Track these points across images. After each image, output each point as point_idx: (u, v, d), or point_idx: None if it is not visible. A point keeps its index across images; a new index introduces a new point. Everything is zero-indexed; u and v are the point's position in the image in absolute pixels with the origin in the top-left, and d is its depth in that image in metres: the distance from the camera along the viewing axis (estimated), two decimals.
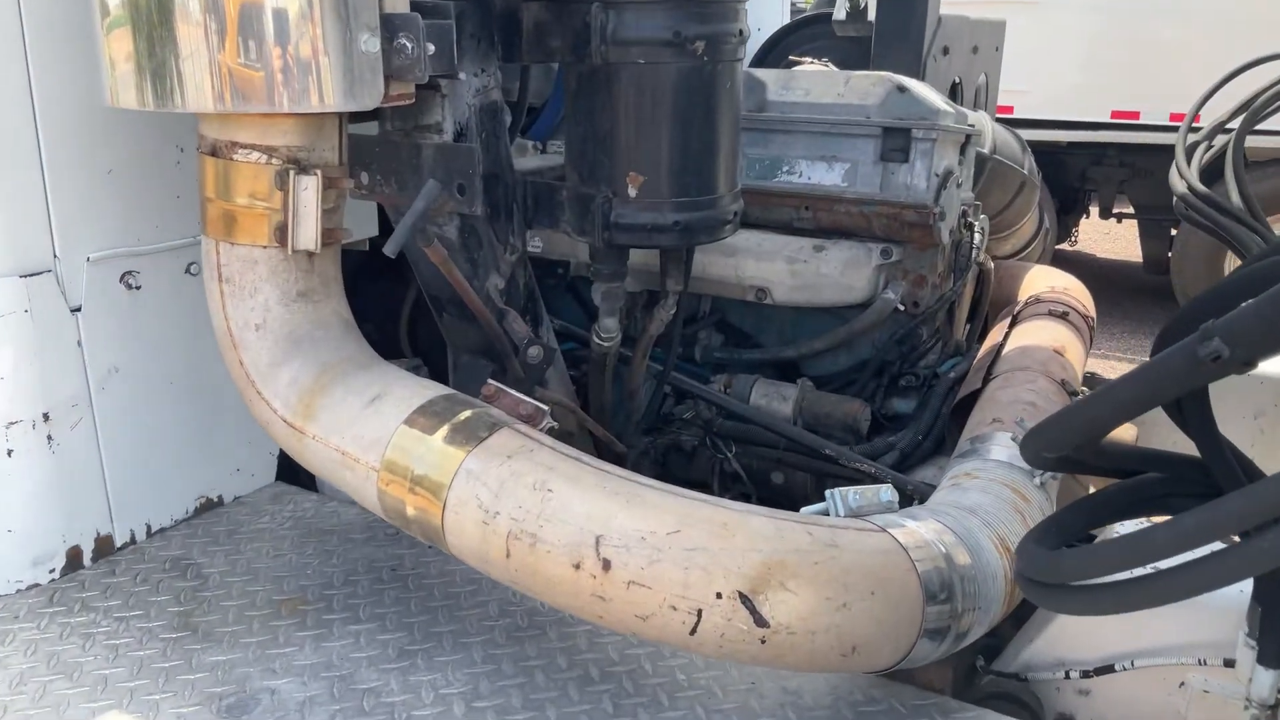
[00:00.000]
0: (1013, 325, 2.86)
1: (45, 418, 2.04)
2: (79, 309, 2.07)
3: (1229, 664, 1.74)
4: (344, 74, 1.62)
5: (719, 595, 1.41)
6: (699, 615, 1.41)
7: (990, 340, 2.83)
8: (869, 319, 2.74)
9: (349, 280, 1.99)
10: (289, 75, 1.60)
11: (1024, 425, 2.08)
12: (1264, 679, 1.53)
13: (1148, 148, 7.88)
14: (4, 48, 1.90)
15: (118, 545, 2.22)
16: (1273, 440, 2.94)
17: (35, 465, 2.05)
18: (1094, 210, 9.16)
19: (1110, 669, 1.89)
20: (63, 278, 2.04)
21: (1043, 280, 3.22)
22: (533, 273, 2.33)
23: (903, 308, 2.77)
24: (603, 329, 2.32)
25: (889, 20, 3.48)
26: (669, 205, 2.05)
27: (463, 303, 2.08)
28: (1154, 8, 7.66)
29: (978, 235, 2.89)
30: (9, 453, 2.01)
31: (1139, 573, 1.10)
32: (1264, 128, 3.51)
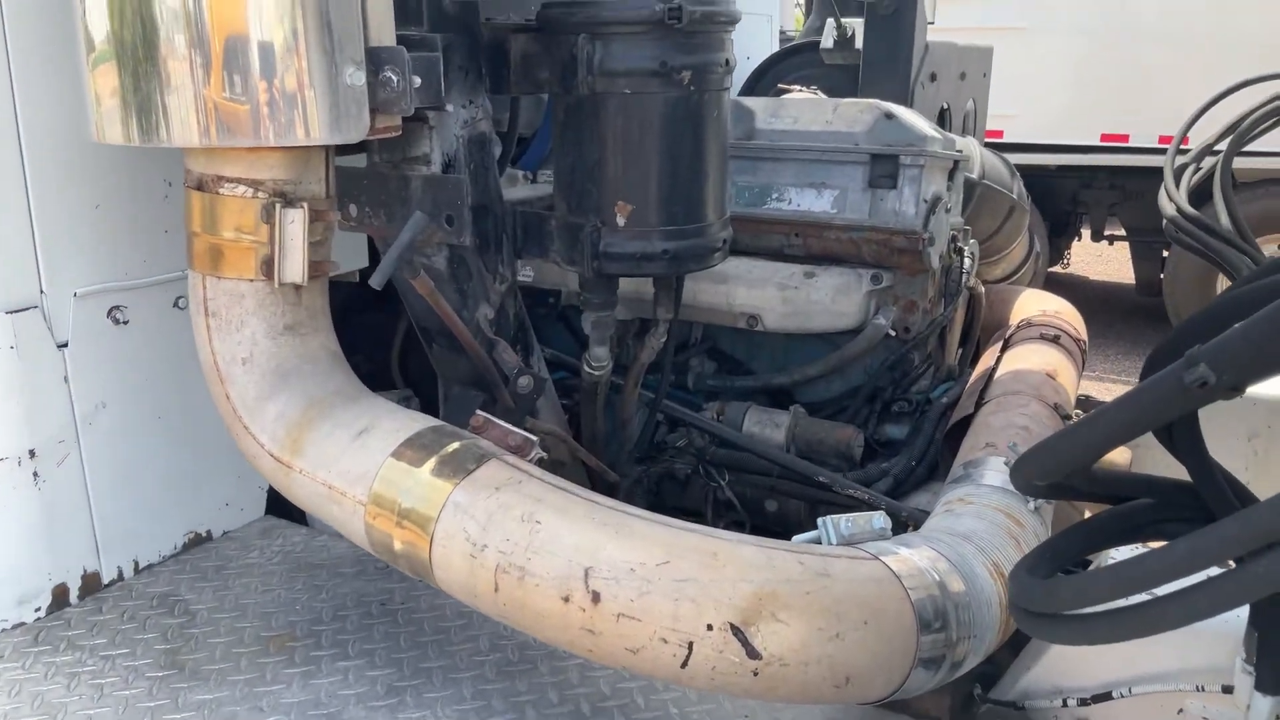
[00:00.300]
0: (1004, 349, 2.86)
1: (31, 454, 2.03)
2: (65, 344, 2.06)
3: (1227, 690, 1.72)
4: (329, 108, 1.62)
5: (710, 627, 1.39)
6: (690, 648, 1.39)
7: (982, 365, 2.83)
8: (860, 345, 2.74)
9: (340, 311, 1.99)
10: (274, 109, 1.60)
11: (1017, 450, 2.07)
12: (1262, 705, 1.51)
13: (1138, 170, 7.91)
14: None
15: (105, 582, 2.20)
16: (1267, 461, 2.93)
17: (21, 502, 2.03)
18: (1086, 233, 9.19)
19: (1108, 696, 1.86)
20: (49, 313, 2.03)
21: (1034, 304, 3.22)
22: (523, 302, 2.33)
23: (894, 333, 2.77)
24: (594, 358, 2.31)
25: (876, 48, 3.51)
26: (657, 234, 2.06)
27: (452, 334, 2.07)
28: (1141, 31, 7.73)
29: (968, 260, 2.90)
30: None
31: (1132, 601, 1.09)
32: (1251, 149, 3.53)
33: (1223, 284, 7.77)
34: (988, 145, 3.74)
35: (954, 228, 2.85)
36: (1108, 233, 8.94)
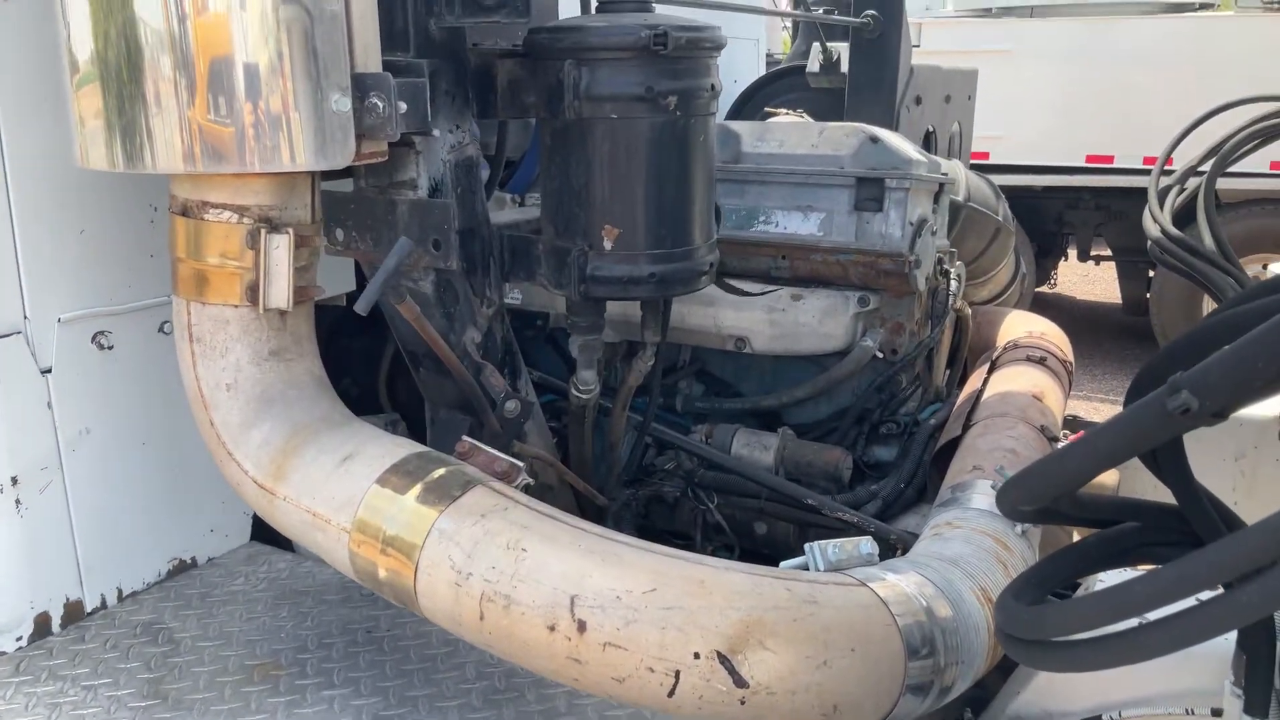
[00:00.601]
0: (991, 371, 2.87)
1: (14, 481, 2.01)
2: (49, 370, 2.05)
3: (1216, 713, 1.71)
4: (315, 133, 1.62)
5: (697, 655, 1.38)
6: (677, 676, 1.38)
7: (969, 387, 2.83)
8: (848, 366, 2.74)
9: (327, 335, 1.98)
10: (260, 135, 1.60)
11: (1004, 473, 2.07)
12: None
13: (1122, 191, 7.99)
14: None
15: (88, 610, 2.18)
16: (1254, 482, 2.94)
17: (2, 530, 2.00)
18: (1072, 253, 9.26)
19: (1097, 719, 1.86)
20: (32, 338, 2.02)
21: (1020, 325, 3.23)
22: (510, 325, 2.32)
23: (881, 355, 2.77)
24: (581, 381, 2.31)
25: (862, 72, 3.53)
26: (644, 257, 2.05)
27: (439, 358, 2.06)
28: (1126, 54, 7.82)
29: (954, 282, 2.91)
30: None
31: (1120, 627, 1.08)
32: (1234, 170, 3.57)
33: (1208, 303, 7.83)
34: (974, 167, 3.77)
35: (940, 250, 2.86)
36: (1094, 253, 9.01)
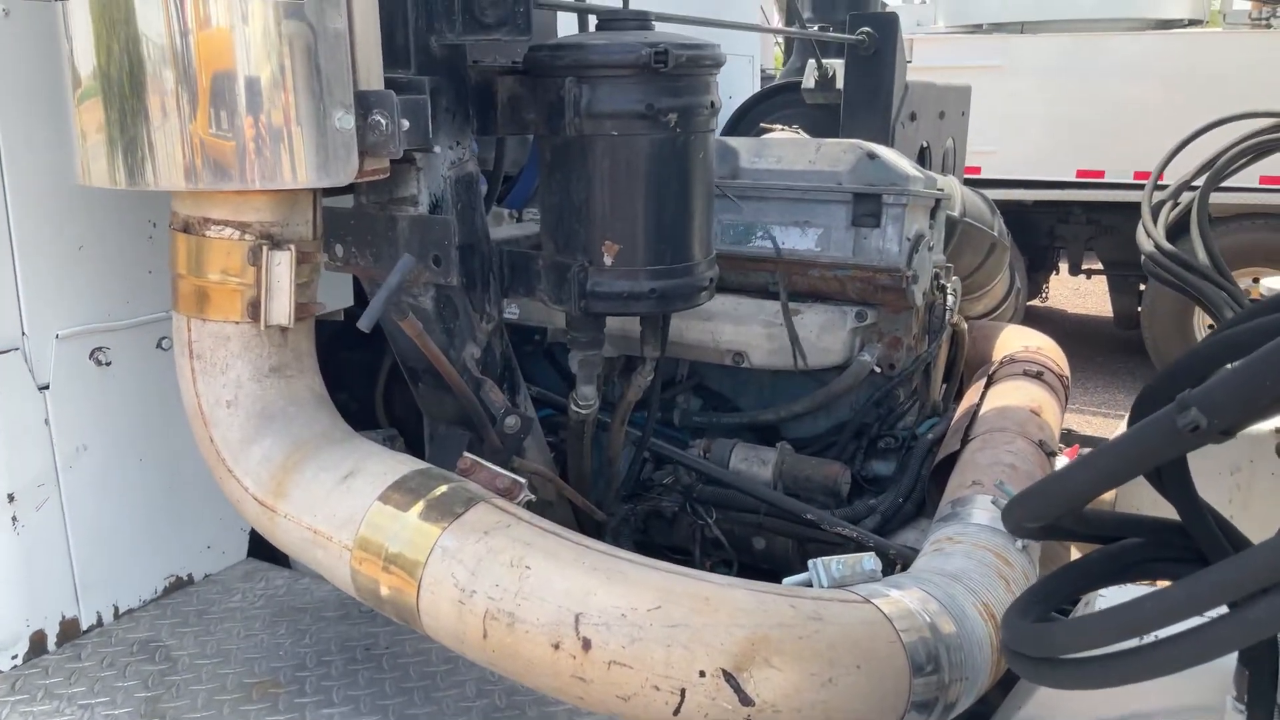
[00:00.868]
0: (988, 386, 2.88)
1: (10, 498, 1.99)
2: (47, 387, 2.04)
3: None
4: (317, 150, 1.62)
5: (702, 674, 1.37)
6: (682, 695, 1.38)
7: (967, 401, 2.84)
8: (846, 381, 2.74)
9: (324, 350, 1.97)
10: (262, 152, 1.60)
11: (1004, 487, 2.07)
12: None
13: (1113, 205, 8.04)
14: None
15: (84, 628, 2.16)
16: (1249, 496, 2.95)
17: None
18: (1063, 267, 9.30)
19: None
20: (30, 355, 2.01)
21: (1016, 340, 3.24)
22: (509, 340, 2.32)
23: (879, 369, 2.78)
24: (580, 397, 2.31)
25: (857, 88, 3.55)
26: (644, 273, 2.06)
27: (438, 373, 2.06)
28: (1116, 70, 7.88)
29: (950, 297, 2.92)
30: None
31: (1127, 645, 1.09)
32: (1224, 185, 3.59)
33: (1200, 317, 7.88)
34: (967, 182, 3.78)
35: (936, 265, 2.88)
36: (1085, 267, 9.06)
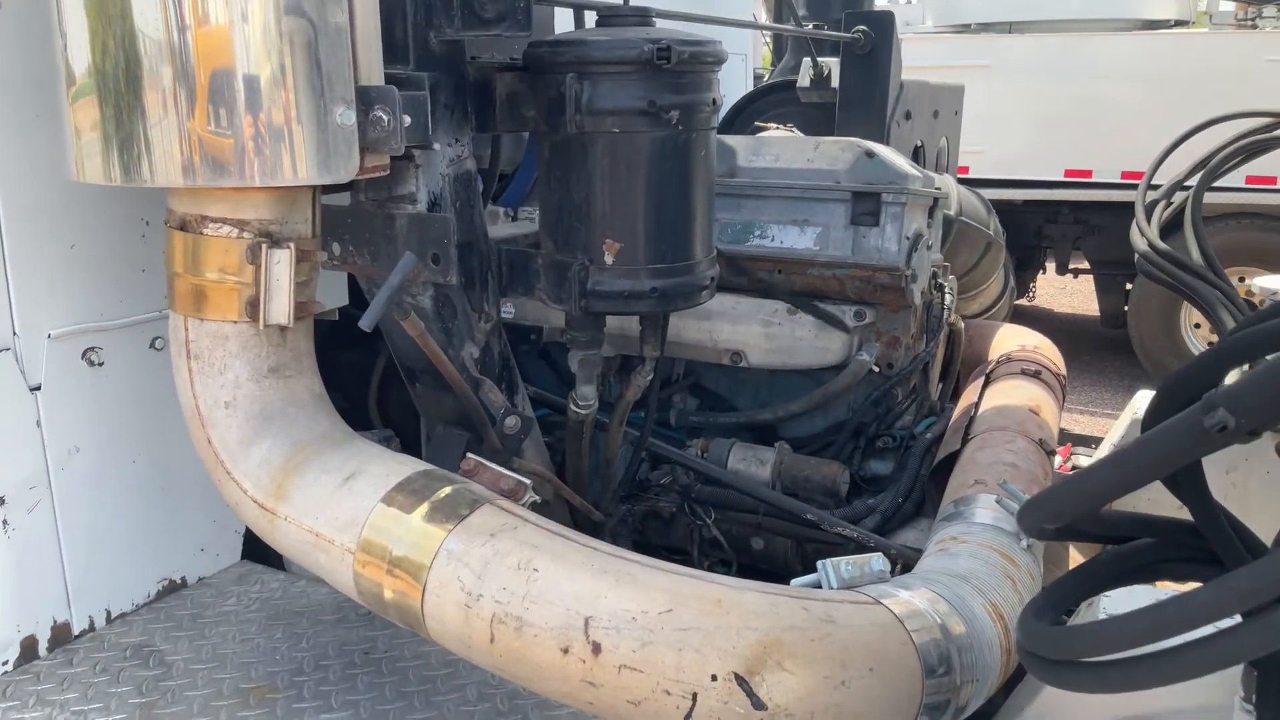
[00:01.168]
0: (986, 385, 2.87)
1: (1, 501, 1.96)
2: (39, 388, 2.00)
3: None
4: (318, 147, 1.60)
5: (714, 677, 1.36)
6: (694, 699, 1.36)
7: (965, 400, 2.84)
8: (844, 380, 2.73)
9: (317, 350, 1.94)
10: (262, 149, 1.57)
11: (1007, 486, 2.06)
12: None
13: (1100, 205, 8.08)
14: None
15: (75, 633, 2.12)
16: (1245, 494, 2.96)
17: None
18: (1050, 266, 9.34)
19: None
20: (22, 355, 1.98)
21: (1013, 339, 3.24)
22: (507, 340, 2.30)
23: (877, 369, 2.77)
24: (580, 397, 2.29)
25: (853, 87, 3.54)
26: (646, 272, 2.04)
27: (437, 373, 2.04)
28: (1103, 70, 7.91)
29: (948, 296, 2.92)
30: None
31: (1145, 649, 1.07)
32: (1214, 184, 3.60)
33: (1186, 315, 7.92)
34: (957, 181, 3.77)
35: (934, 264, 2.87)
36: (1072, 266, 9.10)
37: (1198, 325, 7.88)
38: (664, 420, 2.93)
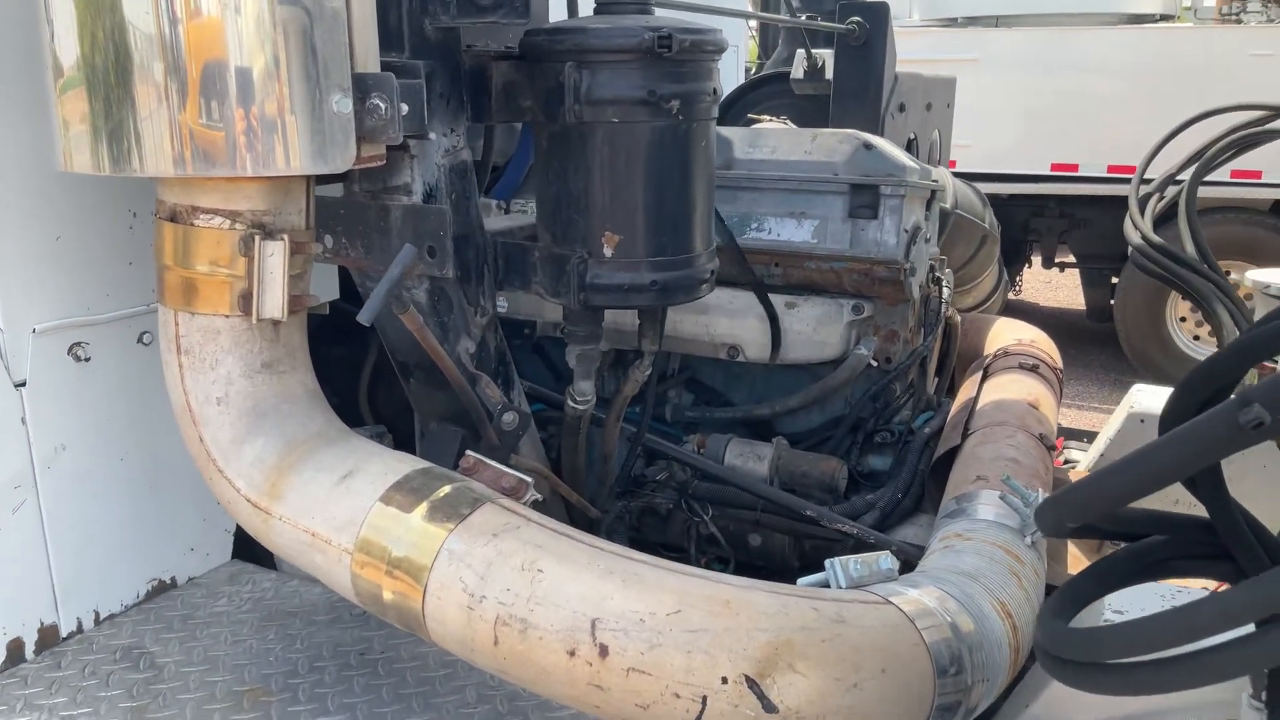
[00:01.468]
0: (984, 379, 2.85)
1: None
2: (23, 384, 1.95)
3: None
4: (313, 136, 1.55)
5: (724, 680, 1.33)
6: (704, 702, 1.33)
7: (963, 394, 2.82)
8: (842, 375, 2.71)
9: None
10: (254, 138, 1.52)
11: (1010, 482, 2.04)
12: None
13: (1087, 199, 8.10)
14: None
15: (63, 635, 2.07)
16: (1240, 490, 2.95)
17: None
18: (1036, 260, 9.36)
19: None
20: (6, 351, 1.92)
21: (1009, 333, 3.23)
22: (503, 335, 2.26)
23: (875, 363, 2.74)
24: (578, 392, 2.25)
25: (847, 78, 3.51)
26: (646, 265, 2.01)
27: (432, 368, 2.00)
28: (1090, 65, 7.92)
29: (945, 289, 2.89)
30: None
31: (1163, 652, 1.05)
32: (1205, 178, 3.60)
33: (1173, 309, 7.95)
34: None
35: (932, 257, 2.85)
36: (1058, 260, 9.12)
37: (1184, 319, 7.91)
38: (659, 415, 2.90)
